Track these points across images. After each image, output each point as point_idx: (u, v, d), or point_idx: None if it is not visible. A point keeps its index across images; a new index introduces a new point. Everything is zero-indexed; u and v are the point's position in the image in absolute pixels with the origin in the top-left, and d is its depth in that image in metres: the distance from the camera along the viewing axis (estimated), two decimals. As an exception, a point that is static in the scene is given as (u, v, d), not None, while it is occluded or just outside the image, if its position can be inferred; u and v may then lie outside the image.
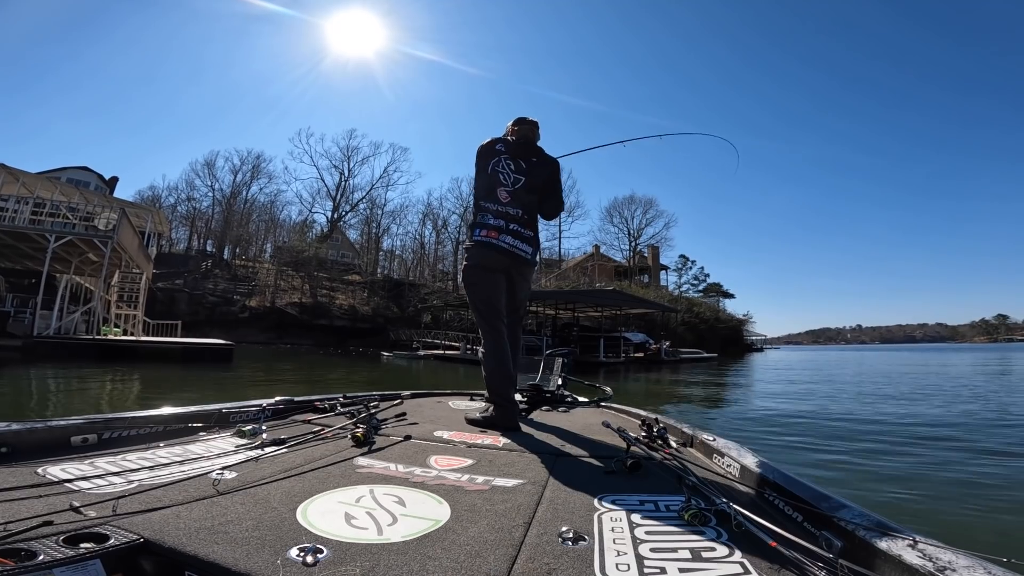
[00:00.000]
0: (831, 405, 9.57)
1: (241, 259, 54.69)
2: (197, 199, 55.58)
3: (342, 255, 57.10)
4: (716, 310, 56.35)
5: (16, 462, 1.48)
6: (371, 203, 58.02)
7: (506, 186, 2.59)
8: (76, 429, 1.74)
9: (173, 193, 55.77)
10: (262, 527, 1.07)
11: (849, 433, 6.50)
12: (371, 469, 1.58)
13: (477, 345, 28.22)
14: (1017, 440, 6.10)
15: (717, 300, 62.89)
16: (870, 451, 5.40)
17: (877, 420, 7.60)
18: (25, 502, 1.14)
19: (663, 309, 35.86)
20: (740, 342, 54.28)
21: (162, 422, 1.99)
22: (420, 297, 48.05)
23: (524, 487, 1.46)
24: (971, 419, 7.66)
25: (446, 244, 59.90)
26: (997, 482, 4.29)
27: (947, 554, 0.91)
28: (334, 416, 2.43)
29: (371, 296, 48.29)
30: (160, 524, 1.05)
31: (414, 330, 38.94)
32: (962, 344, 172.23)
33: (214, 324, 36.43)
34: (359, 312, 45.84)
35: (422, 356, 27.23)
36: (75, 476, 1.35)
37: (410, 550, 1.00)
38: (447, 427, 2.31)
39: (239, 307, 42.80)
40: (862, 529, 1.07)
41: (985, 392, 12.08)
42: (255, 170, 55.68)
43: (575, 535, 1.09)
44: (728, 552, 1.04)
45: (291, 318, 42.81)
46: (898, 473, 4.52)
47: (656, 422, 2.25)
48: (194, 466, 1.52)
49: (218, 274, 48.07)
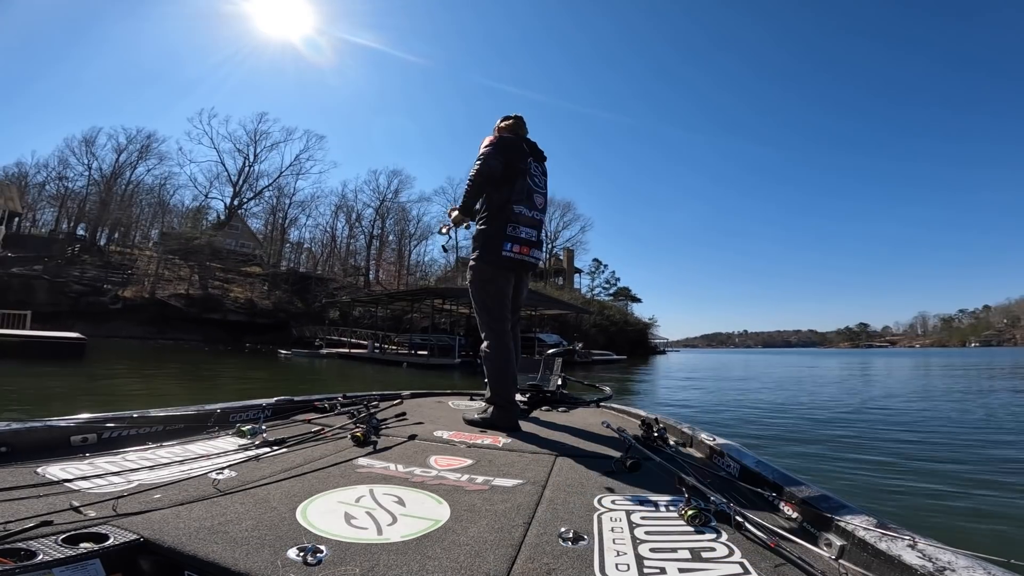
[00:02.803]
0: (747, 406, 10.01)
1: (118, 245, 48.35)
2: (71, 178, 48.36)
3: (242, 245, 52.25)
4: (625, 313, 58.56)
5: (16, 462, 1.47)
6: (278, 191, 53.71)
7: (540, 192, 2.51)
8: (76, 429, 1.74)
9: (43, 171, 48.29)
10: (262, 527, 1.07)
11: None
12: (371, 469, 1.58)
13: (387, 344, 26.88)
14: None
15: (626, 304, 65.45)
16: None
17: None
18: (25, 502, 1.15)
19: (577, 311, 36.45)
20: (646, 345, 56.80)
21: (162, 422, 1.99)
22: (328, 292, 45.08)
23: (524, 487, 1.45)
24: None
25: (359, 238, 57.13)
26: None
27: (946, 554, 0.90)
28: (334, 416, 2.43)
29: (272, 289, 44.56)
30: (160, 524, 1.06)
31: (319, 327, 36.52)
32: (830, 349, 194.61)
33: (79, 316, 32.38)
34: (258, 306, 42.09)
35: (325, 355, 25.45)
36: (75, 476, 1.36)
37: (410, 550, 1.00)
38: (447, 427, 2.30)
39: (110, 297, 37.62)
40: (862, 530, 1.05)
41: (856, 387, 13.23)
42: (144, 150, 49.33)
43: (575, 535, 1.09)
44: (728, 552, 1.04)
45: (175, 311, 38.28)
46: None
47: (656, 422, 2.22)
48: (194, 466, 1.52)
49: (87, 260, 41.88)
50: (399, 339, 27.15)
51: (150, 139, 49.76)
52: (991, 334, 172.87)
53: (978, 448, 5.81)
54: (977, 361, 33.93)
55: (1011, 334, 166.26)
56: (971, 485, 4.21)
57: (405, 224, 57.39)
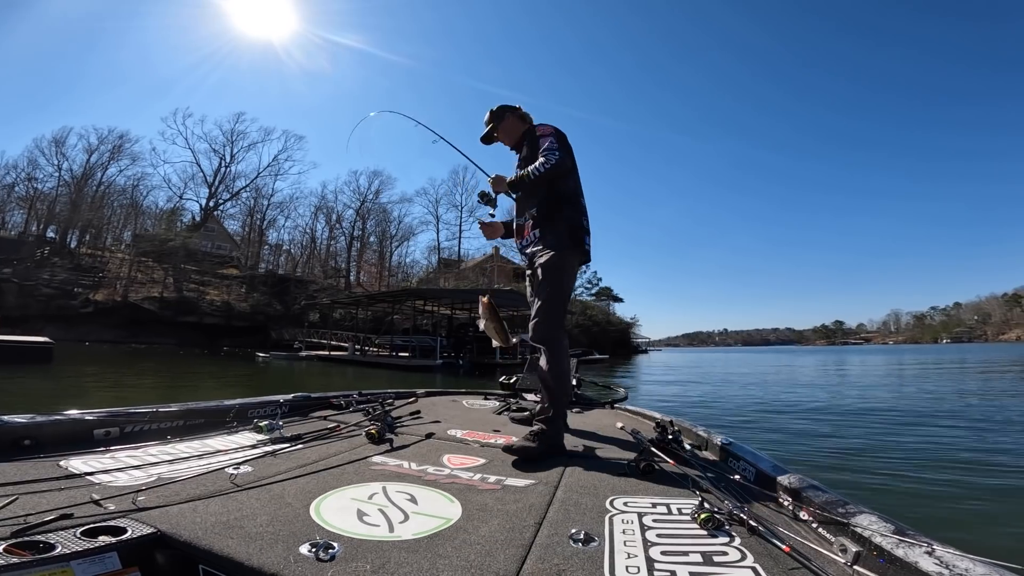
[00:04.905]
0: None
1: (90, 248, 47.01)
2: (41, 179, 46.80)
3: (218, 247, 51.21)
4: (607, 313, 58.97)
5: (40, 454, 1.50)
6: (256, 192, 52.63)
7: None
8: (99, 423, 1.77)
9: (12, 172, 46.62)
10: (276, 522, 1.08)
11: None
12: (385, 467, 1.59)
13: (368, 346, 26.39)
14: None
15: (608, 304, 65.86)
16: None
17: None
18: (47, 495, 1.17)
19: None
20: (628, 344, 57.23)
21: (182, 416, 2.02)
22: (308, 294, 44.37)
23: (536, 487, 1.45)
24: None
25: (339, 239, 56.41)
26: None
27: (964, 561, 0.89)
28: (350, 413, 2.45)
29: (250, 292, 43.73)
30: (177, 518, 1.07)
31: (299, 329, 35.95)
32: (807, 347, 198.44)
33: (50, 319, 31.55)
34: (235, 309, 41.24)
35: (304, 357, 25.07)
36: (96, 469, 1.40)
37: (421, 548, 1.00)
38: (461, 426, 2.29)
39: (81, 300, 36.57)
40: (879, 536, 1.04)
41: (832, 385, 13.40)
42: (116, 150, 47.95)
43: (586, 536, 1.09)
44: (740, 557, 1.03)
45: (149, 314, 37.28)
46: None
47: (671, 424, 2.20)
48: (212, 460, 1.54)
49: (57, 263, 40.63)
50: (380, 341, 26.89)
51: (122, 139, 48.49)
52: (962, 331, 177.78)
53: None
54: (953, 358, 33.76)
55: (982, 331, 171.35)
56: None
57: (386, 225, 57.02)
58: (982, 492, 3.78)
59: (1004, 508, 3.45)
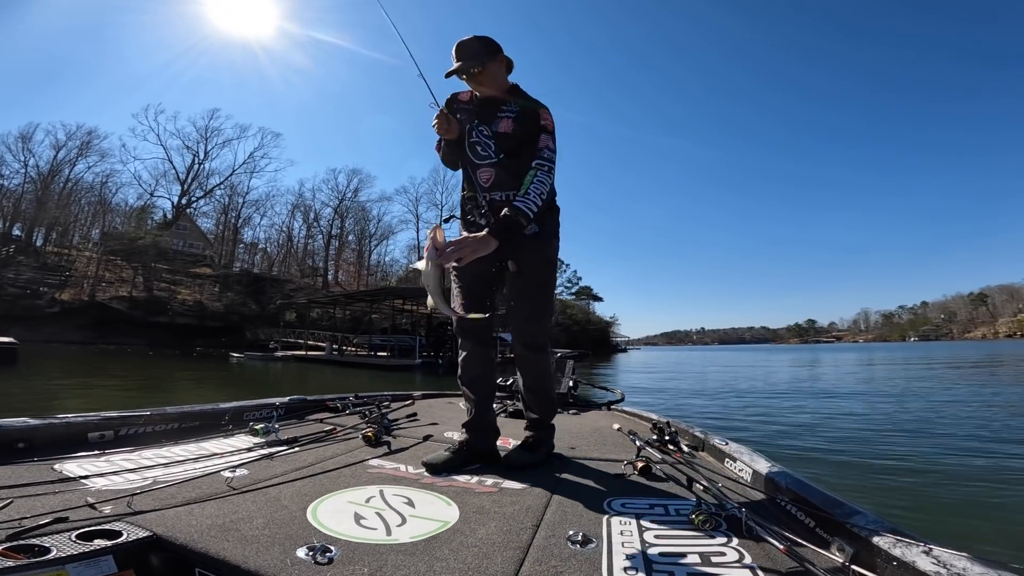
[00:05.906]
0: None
1: (56, 246, 45.51)
2: (6, 176, 45.02)
3: (190, 245, 50.08)
4: (587, 312, 59.46)
5: (34, 458, 1.49)
6: (231, 190, 51.55)
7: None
8: (94, 426, 1.76)
9: None
10: (272, 526, 1.08)
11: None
12: (381, 469, 1.59)
13: (346, 346, 26.01)
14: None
15: (588, 303, 66.35)
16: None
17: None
18: (42, 498, 1.16)
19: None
20: (608, 343, 57.79)
21: (178, 419, 2.01)
22: (284, 293, 43.69)
23: (533, 489, 1.45)
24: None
25: (317, 238, 55.65)
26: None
27: (961, 561, 0.89)
28: (346, 416, 2.45)
29: (224, 291, 42.83)
30: (172, 521, 1.07)
31: (275, 329, 35.35)
32: (781, 345, 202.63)
33: (15, 319, 30.30)
34: (208, 308, 40.38)
35: (280, 357, 24.70)
36: (91, 472, 1.39)
37: (418, 551, 1.01)
38: (457, 428, 2.25)
39: (47, 300, 35.39)
40: (875, 535, 1.03)
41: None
42: (85, 147, 46.44)
43: (583, 538, 1.08)
44: (738, 557, 1.04)
45: (118, 314, 36.25)
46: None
47: (667, 425, 2.21)
48: (208, 464, 1.53)
49: (22, 261, 39.26)
50: (358, 340, 26.62)
51: (91, 135, 47.10)
52: (929, 329, 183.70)
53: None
54: (923, 356, 33.93)
55: (948, 329, 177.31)
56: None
57: (365, 224, 56.53)
58: (983, 492, 3.70)
59: (1004, 509, 3.36)
